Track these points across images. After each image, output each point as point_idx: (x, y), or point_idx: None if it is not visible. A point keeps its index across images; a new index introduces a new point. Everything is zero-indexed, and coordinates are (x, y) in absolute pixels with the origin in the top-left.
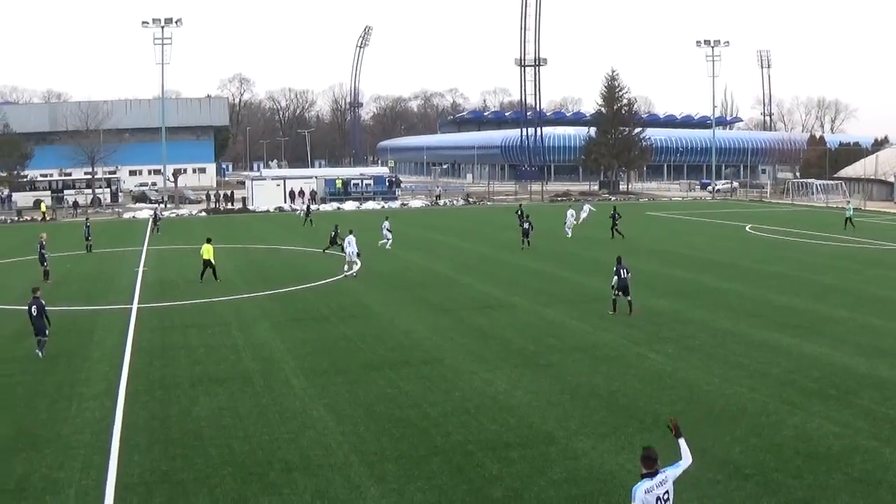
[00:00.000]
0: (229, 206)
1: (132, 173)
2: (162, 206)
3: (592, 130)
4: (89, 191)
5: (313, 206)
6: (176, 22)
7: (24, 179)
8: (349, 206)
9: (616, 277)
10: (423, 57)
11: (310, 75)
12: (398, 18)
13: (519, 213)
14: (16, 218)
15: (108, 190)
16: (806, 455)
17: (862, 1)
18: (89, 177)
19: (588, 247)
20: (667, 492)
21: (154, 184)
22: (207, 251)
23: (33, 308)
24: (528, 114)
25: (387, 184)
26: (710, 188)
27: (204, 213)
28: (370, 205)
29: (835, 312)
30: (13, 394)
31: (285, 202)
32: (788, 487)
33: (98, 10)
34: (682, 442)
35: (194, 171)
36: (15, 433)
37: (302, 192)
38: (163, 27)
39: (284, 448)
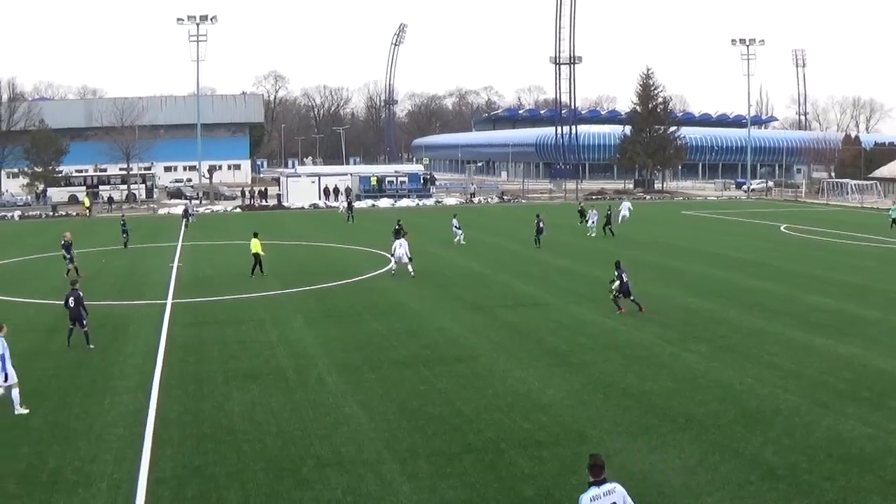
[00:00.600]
0: (264, 202)
1: (167, 169)
2: (196, 201)
3: (627, 129)
4: (124, 187)
5: (344, 204)
6: (211, 19)
7: (59, 175)
8: (384, 203)
9: (618, 281)
10: (458, 54)
11: (345, 72)
12: (433, 16)
13: (580, 210)
14: (51, 213)
15: (144, 186)
16: (838, 457)
17: None
18: (124, 173)
19: (624, 245)
20: (614, 503)
21: (189, 180)
22: (255, 245)
23: (70, 299)
24: (563, 112)
25: (421, 181)
26: (744, 187)
27: (239, 210)
28: (404, 202)
29: (868, 313)
30: (47, 386)
31: (320, 199)
32: (821, 489)
33: (133, 7)
34: None
35: (229, 167)
36: (48, 426)
37: (337, 190)
38: (198, 24)
39: (317, 444)
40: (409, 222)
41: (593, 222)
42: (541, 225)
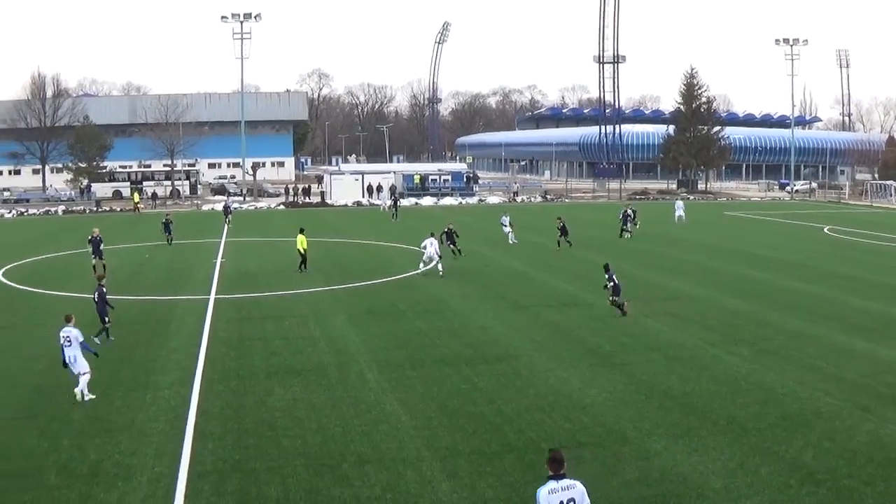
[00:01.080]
0: (307, 199)
1: (211, 166)
2: (239, 198)
3: (671, 128)
4: (168, 183)
5: (388, 202)
6: (255, 17)
7: (103, 171)
8: (427, 201)
9: (612, 284)
10: (502, 53)
11: (388, 71)
12: (477, 14)
13: (623, 214)
14: (95, 208)
15: (188, 182)
16: (879, 462)
17: None
18: (168, 169)
19: (667, 245)
20: (572, 499)
21: (233, 177)
22: (302, 241)
23: (95, 295)
24: (607, 111)
25: (464, 180)
26: (788, 188)
27: (282, 207)
28: (447, 201)
29: None
30: (91, 380)
31: (363, 197)
32: (860, 494)
33: (178, 4)
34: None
35: (273, 164)
36: (90, 419)
37: (380, 187)
38: (242, 22)
39: (357, 441)
40: (453, 221)
41: (630, 224)
42: (564, 226)
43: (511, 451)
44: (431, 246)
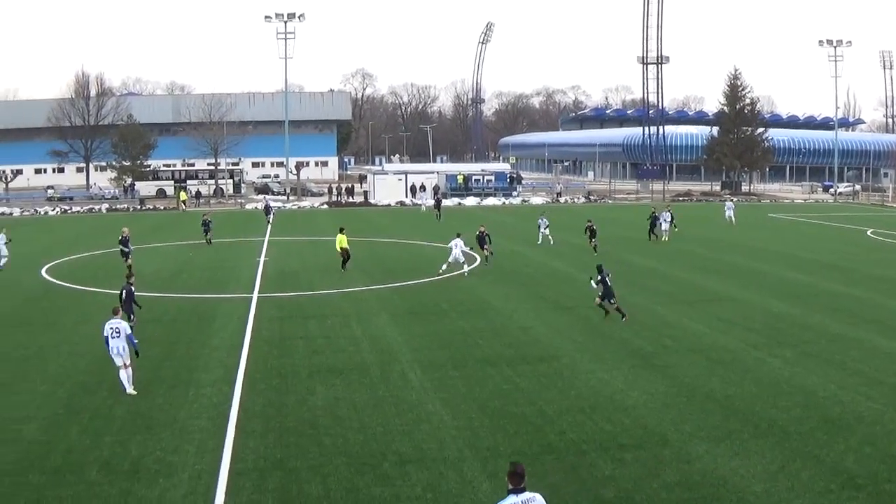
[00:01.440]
0: (351, 199)
1: (255, 165)
2: (282, 197)
3: (715, 130)
4: (212, 181)
5: (428, 202)
6: (299, 17)
7: (147, 169)
8: (470, 202)
9: (602, 286)
10: (546, 53)
11: (432, 71)
12: (520, 14)
13: (652, 217)
14: (138, 207)
15: (231, 181)
16: None
17: None
18: (212, 168)
19: (710, 247)
20: None
21: (276, 176)
22: (341, 241)
23: (123, 293)
24: (651, 112)
25: (508, 180)
26: (831, 191)
27: (325, 206)
28: (490, 201)
29: None
30: (134, 381)
31: (406, 197)
32: None
33: (221, 4)
34: None
35: (316, 164)
36: (132, 416)
37: (423, 187)
38: (286, 22)
39: (398, 440)
40: (495, 221)
41: (667, 226)
42: (593, 227)
43: (552, 453)
44: (457, 248)
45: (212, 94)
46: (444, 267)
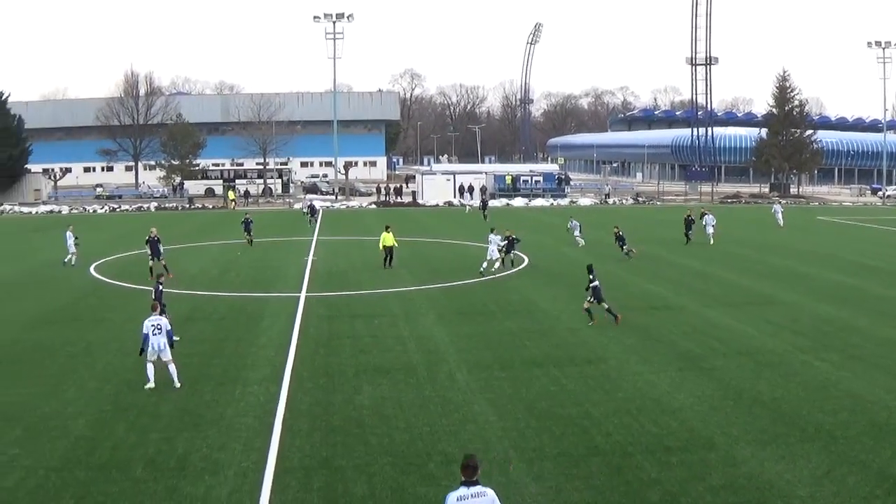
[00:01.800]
0: (399, 199)
1: (304, 165)
2: (330, 197)
3: (763, 132)
4: (261, 181)
5: (472, 202)
6: (347, 17)
7: (196, 168)
8: (518, 202)
9: (593, 289)
10: (594, 54)
11: (480, 71)
12: (569, 15)
13: (687, 219)
14: (187, 205)
15: (280, 181)
16: None
17: None
18: (261, 167)
19: (758, 250)
20: None
21: (325, 175)
22: (387, 238)
23: (153, 293)
24: (699, 113)
25: (556, 181)
26: (880, 193)
27: (374, 206)
28: (539, 202)
29: None
30: (181, 375)
31: (455, 197)
32: None
33: (270, 4)
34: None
35: (365, 164)
36: (178, 413)
37: (472, 188)
38: (334, 22)
39: (444, 440)
40: (543, 223)
41: (712, 230)
42: (620, 233)
43: (598, 455)
44: (492, 244)
45: (261, 94)
46: (485, 265)
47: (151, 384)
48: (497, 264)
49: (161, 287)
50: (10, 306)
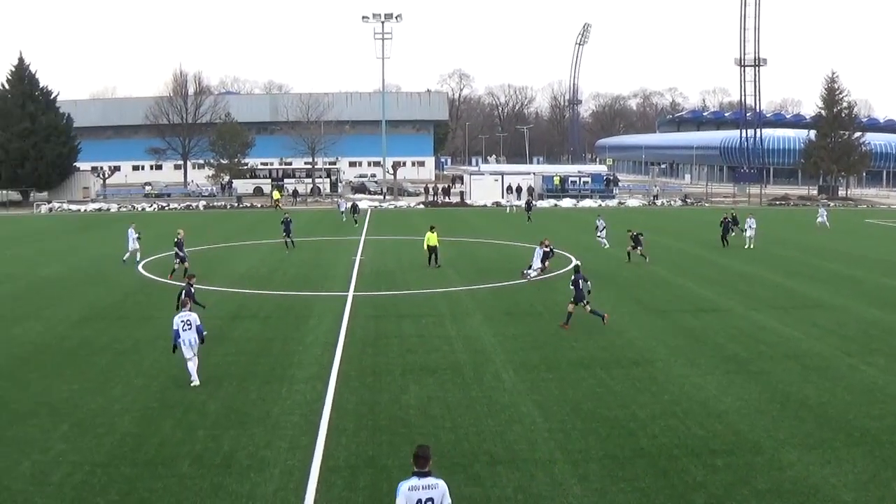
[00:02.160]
0: (447, 199)
1: (352, 164)
2: (380, 196)
3: (812, 133)
4: (309, 180)
5: (516, 203)
6: (396, 17)
7: (245, 167)
8: (566, 203)
9: (574, 289)
10: (643, 55)
11: (529, 72)
12: (617, 16)
13: (724, 221)
14: (235, 204)
15: (328, 180)
16: None
17: None
18: (309, 167)
19: (806, 252)
20: (430, 499)
21: (373, 175)
22: (431, 238)
23: (182, 293)
24: (748, 115)
25: (604, 182)
26: None
27: (422, 206)
28: (587, 203)
29: None
30: (227, 373)
31: (502, 197)
32: None
33: (319, 4)
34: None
35: (413, 164)
36: (225, 410)
37: (519, 188)
38: (383, 22)
39: (490, 441)
40: (589, 223)
41: (752, 233)
42: (639, 237)
43: (643, 457)
44: (536, 258)
45: (309, 94)
46: (531, 272)
47: (196, 381)
48: (533, 274)
49: (191, 288)
50: (58, 303)
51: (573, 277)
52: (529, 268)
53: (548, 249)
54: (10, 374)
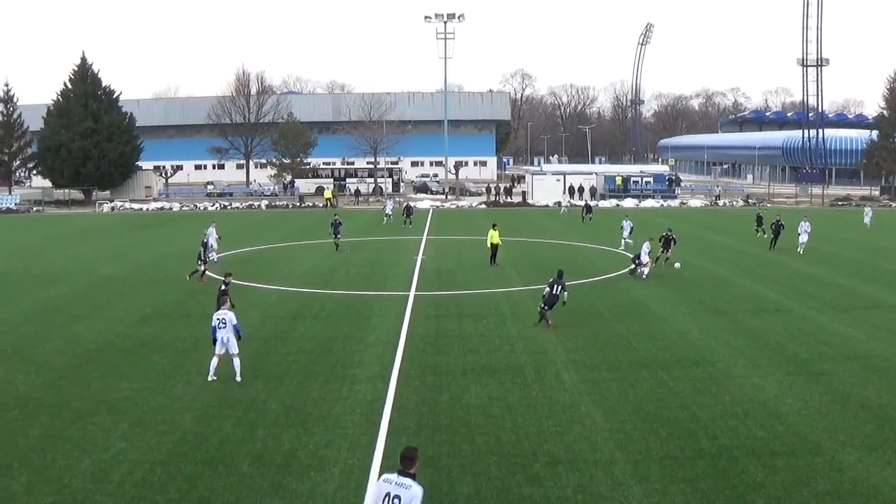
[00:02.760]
0: (509, 199)
1: (414, 164)
2: (442, 196)
3: (874, 134)
4: (371, 180)
5: (571, 202)
6: (458, 17)
7: (307, 167)
8: (628, 203)
9: (549, 291)
10: (705, 55)
11: (591, 71)
12: (680, 16)
13: (776, 223)
14: (297, 203)
15: (390, 180)
16: None
17: None
18: (371, 166)
19: (867, 253)
20: (398, 496)
21: (435, 175)
22: (494, 236)
23: (219, 292)
24: (810, 115)
25: (666, 182)
26: None
27: (484, 206)
28: (649, 203)
29: None
30: (288, 371)
31: (562, 195)
32: None
33: (381, 4)
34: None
35: (475, 163)
36: (285, 409)
37: (581, 188)
38: (445, 22)
39: (550, 441)
40: (654, 224)
41: (805, 237)
42: (671, 240)
43: (704, 458)
44: (643, 253)
45: (371, 94)
46: (644, 270)
47: (213, 377)
48: (646, 270)
49: (226, 288)
50: (120, 302)
51: (550, 281)
52: (636, 264)
53: (669, 236)
54: (72, 373)
